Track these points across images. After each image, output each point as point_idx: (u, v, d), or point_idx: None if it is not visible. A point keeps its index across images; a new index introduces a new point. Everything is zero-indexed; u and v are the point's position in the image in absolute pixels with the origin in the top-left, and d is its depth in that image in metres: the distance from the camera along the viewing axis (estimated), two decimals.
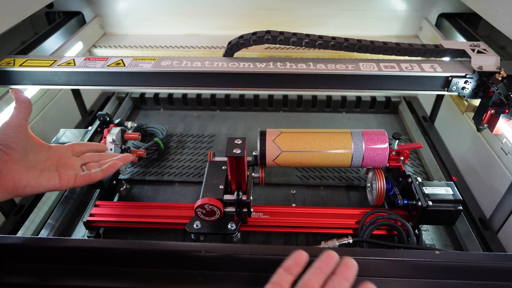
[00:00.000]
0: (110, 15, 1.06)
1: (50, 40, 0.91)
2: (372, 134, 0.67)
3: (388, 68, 0.64)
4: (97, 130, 0.76)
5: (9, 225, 0.67)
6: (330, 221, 0.66)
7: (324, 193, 0.78)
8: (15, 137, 0.49)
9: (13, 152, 0.48)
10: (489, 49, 0.65)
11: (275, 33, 0.65)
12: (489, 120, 0.61)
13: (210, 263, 0.49)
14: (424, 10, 1.02)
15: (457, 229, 0.69)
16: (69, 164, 0.55)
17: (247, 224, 0.66)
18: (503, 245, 0.64)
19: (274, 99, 1.04)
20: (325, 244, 0.62)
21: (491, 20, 0.69)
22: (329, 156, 0.67)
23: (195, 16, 1.05)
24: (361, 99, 1.03)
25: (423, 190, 0.62)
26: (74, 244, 0.49)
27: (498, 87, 0.58)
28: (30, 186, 0.48)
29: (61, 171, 0.52)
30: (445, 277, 0.48)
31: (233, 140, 0.58)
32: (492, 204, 0.68)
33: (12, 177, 0.46)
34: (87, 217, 0.66)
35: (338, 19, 1.03)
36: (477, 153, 0.75)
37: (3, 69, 0.65)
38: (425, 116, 1.00)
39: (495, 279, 0.48)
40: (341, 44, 0.65)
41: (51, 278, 0.49)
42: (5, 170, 0.46)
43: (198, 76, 0.65)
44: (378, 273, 0.49)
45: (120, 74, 0.65)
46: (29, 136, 0.52)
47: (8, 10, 0.66)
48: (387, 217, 0.64)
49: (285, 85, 0.66)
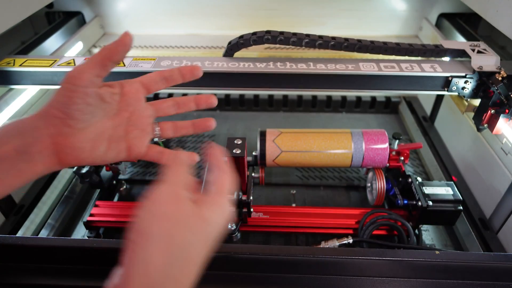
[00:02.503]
0: (110, 15, 1.06)
1: (50, 40, 0.90)
2: (372, 134, 0.67)
3: (388, 68, 0.64)
4: None
5: (9, 225, 0.67)
6: (330, 221, 0.66)
7: (324, 193, 0.78)
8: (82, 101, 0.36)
9: (76, 123, 0.37)
10: (489, 49, 0.65)
11: (275, 33, 0.65)
12: (489, 120, 0.61)
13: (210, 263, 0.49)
14: (424, 10, 1.02)
15: (457, 229, 0.69)
16: (140, 122, 0.42)
17: (247, 224, 0.66)
18: (503, 245, 0.64)
19: (274, 99, 1.04)
20: (325, 244, 0.62)
21: (491, 20, 0.69)
22: (329, 156, 0.67)
23: (195, 16, 1.05)
24: (361, 99, 1.03)
25: (423, 190, 0.62)
26: (74, 244, 0.49)
27: (498, 87, 0.58)
28: (96, 163, 0.40)
29: (131, 138, 0.41)
30: (445, 277, 0.48)
31: (233, 140, 0.59)
32: (492, 204, 0.68)
33: (76, 157, 0.38)
34: (87, 217, 0.66)
35: (338, 19, 1.03)
36: (477, 153, 0.75)
37: (3, 69, 0.65)
38: (425, 116, 1.00)
39: (495, 279, 0.48)
40: (341, 44, 0.65)
41: (51, 278, 0.49)
42: (67, 149, 0.37)
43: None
44: (378, 273, 0.49)
45: (120, 74, 0.65)
46: (101, 94, 0.38)
47: (8, 10, 0.66)
48: (387, 217, 0.64)
49: (285, 85, 0.66)
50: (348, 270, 0.49)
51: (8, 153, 0.35)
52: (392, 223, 0.64)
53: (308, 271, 0.49)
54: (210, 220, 0.32)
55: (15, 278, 0.49)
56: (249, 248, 0.48)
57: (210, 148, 0.37)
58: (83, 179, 0.67)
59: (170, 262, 0.27)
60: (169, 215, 0.29)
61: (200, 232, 0.31)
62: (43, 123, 0.37)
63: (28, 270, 0.50)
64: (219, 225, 0.33)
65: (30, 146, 0.36)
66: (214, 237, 0.32)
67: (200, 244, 0.31)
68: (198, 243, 0.30)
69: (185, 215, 0.30)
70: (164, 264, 0.27)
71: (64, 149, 0.37)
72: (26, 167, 0.36)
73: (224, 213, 0.34)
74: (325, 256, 0.48)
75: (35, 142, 0.36)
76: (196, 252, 0.30)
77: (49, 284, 0.49)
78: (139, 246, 0.28)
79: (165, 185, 0.31)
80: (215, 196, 0.34)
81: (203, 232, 0.31)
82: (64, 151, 0.37)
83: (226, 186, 0.35)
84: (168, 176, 0.33)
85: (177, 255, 0.28)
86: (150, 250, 0.27)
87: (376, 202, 0.69)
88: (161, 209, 0.29)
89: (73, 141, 0.37)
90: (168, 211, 0.29)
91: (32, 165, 0.37)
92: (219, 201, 0.34)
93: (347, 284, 0.48)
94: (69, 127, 0.37)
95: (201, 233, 0.31)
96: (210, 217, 0.32)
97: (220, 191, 0.35)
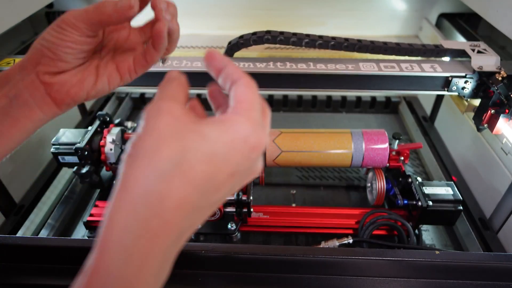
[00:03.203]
0: None
1: None
2: (372, 134, 0.67)
3: (388, 68, 0.64)
4: (97, 130, 0.76)
5: (9, 225, 0.67)
6: (330, 221, 0.66)
7: (324, 193, 0.78)
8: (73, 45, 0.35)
9: (64, 65, 0.36)
10: (489, 49, 0.65)
11: (275, 33, 0.65)
12: (489, 120, 0.61)
13: (210, 263, 0.49)
14: (424, 10, 1.02)
15: (457, 229, 0.69)
16: (128, 44, 0.41)
17: (247, 224, 0.66)
18: (503, 245, 0.64)
19: (274, 99, 1.04)
20: (325, 244, 0.62)
21: (491, 20, 0.69)
22: (329, 156, 0.67)
23: (195, 16, 1.04)
24: (361, 99, 1.03)
25: (423, 190, 0.62)
26: (74, 244, 0.49)
27: (498, 87, 0.58)
28: (90, 96, 0.39)
29: (120, 62, 0.40)
30: (445, 277, 0.48)
31: None
32: (492, 204, 0.68)
33: (68, 93, 0.37)
34: (87, 217, 0.66)
35: (338, 19, 1.03)
36: (477, 153, 0.75)
37: (3, 69, 0.65)
38: (425, 116, 1.00)
39: (495, 279, 0.48)
40: (341, 44, 0.65)
41: (51, 278, 0.49)
42: (56, 85, 0.36)
43: (198, 76, 0.65)
44: (378, 273, 0.49)
45: None
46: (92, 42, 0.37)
47: (8, 10, 0.66)
48: (387, 217, 0.64)
49: (285, 85, 0.66)
50: (348, 270, 0.49)
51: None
52: (392, 223, 0.64)
53: (308, 271, 0.49)
54: (208, 136, 0.26)
55: (15, 278, 0.49)
56: (249, 248, 0.48)
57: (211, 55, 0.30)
58: (83, 179, 0.67)
59: (154, 176, 0.24)
60: (158, 129, 0.25)
61: (194, 148, 0.25)
62: (30, 62, 0.36)
63: (28, 270, 0.50)
64: (229, 145, 0.26)
65: (20, 89, 0.35)
66: (224, 157, 0.26)
67: (196, 159, 0.25)
68: (193, 158, 0.25)
69: (177, 129, 0.26)
70: (147, 179, 0.24)
71: (53, 85, 0.36)
72: (21, 113, 0.35)
73: (238, 131, 0.26)
74: (325, 256, 0.48)
75: (25, 84, 0.35)
76: (187, 167, 0.25)
77: (49, 284, 0.49)
78: (126, 164, 0.25)
79: (156, 101, 0.27)
80: (229, 114, 0.27)
81: (201, 149, 0.25)
82: (53, 88, 0.36)
83: (248, 101, 0.28)
84: (160, 93, 0.28)
85: (164, 168, 0.24)
86: (134, 166, 0.25)
87: (376, 202, 0.69)
88: (150, 124, 0.26)
89: (60, 76, 0.36)
90: (157, 126, 0.25)
91: (28, 110, 0.36)
92: (231, 118, 0.27)
93: (347, 284, 0.48)
94: (56, 67, 0.36)
95: (197, 149, 0.25)
96: (209, 133, 0.26)
97: (238, 107, 0.27)
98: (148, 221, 0.23)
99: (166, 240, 0.24)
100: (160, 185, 0.24)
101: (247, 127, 0.26)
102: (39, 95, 0.36)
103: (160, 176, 0.24)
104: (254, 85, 0.29)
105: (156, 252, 0.24)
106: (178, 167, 0.25)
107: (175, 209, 0.24)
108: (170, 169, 0.24)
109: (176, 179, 0.24)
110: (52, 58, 0.35)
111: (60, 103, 0.37)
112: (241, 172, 0.27)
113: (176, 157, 0.25)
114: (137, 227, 0.23)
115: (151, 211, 0.24)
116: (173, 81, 0.29)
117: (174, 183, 0.24)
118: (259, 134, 0.27)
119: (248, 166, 0.28)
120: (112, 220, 0.24)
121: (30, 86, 0.36)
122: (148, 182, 0.24)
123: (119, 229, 0.23)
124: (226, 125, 0.26)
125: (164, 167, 0.24)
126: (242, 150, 0.26)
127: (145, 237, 0.23)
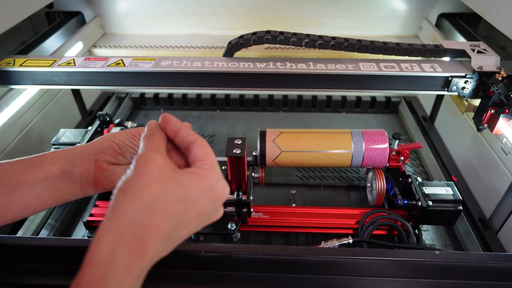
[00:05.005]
0: (110, 15, 1.06)
1: (50, 40, 0.91)
2: (372, 134, 0.67)
3: (388, 68, 0.64)
4: (97, 130, 0.76)
5: (9, 225, 0.67)
6: (330, 221, 0.66)
7: (324, 193, 0.78)
8: (134, 149, 0.45)
9: (122, 160, 0.44)
10: (489, 49, 0.65)
11: (275, 33, 0.65)
12: (489, 120, 0.61)
13: (210, 263, 0.49)
14: (424, 10, 1.02)
15: (457, 229, 0.69)
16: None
17: (247, 224, 0.66)
18: (503, 245, 0.64)
19: (274, 99, 1.04)
20: (325, 244, 0.62)
21: (491, 20, 0.69)
22: (329, 156, 0.67)
23: (195, 16, 1.05)
24: (361, 99, 1.03)
25: (423, 190, 0.61)
26: (74, 244, 0.49)
27: (498, 87, 0.58)
28: None
29: None
30: (445, 277, 0.48)
31: (233, 140, 0.58)
32: (492, 204, 0.68)
33: (112, 182, 0.43)
34: (87, 217, 0.66)
35: (338, 19, 1.03)
36: (477, 153, 0.75)
37: (3, 69, 0.65)
38: (425, 116, 1.00)
39: (495, 279, 0.48)
40: (341, 44, 0.65)
41: (51, 278, 0.49)
42: (107, 173, 0.43)
43: (198, 76, 0.65)
44: (378, 273, 0.49)
45: (120, 74, 0.65)
46: None
47: (8, 10, 0.66)
48: (387, 217, 0.64)
49: (285, 85, 0.66)
50: (348, 270, 0.49)
51: (53, 172, 0.40)
52: (392, 223, 0.64)
53: (308, 271, 0.49)
54: (184, 183, 0.33)
55: (15, 278, 0.49)
56: (249, 248, 0.48)
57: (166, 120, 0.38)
58: None
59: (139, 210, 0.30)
60: (146, 174, 0.32)
61: (172, 191, 0.32)
62: (93, 149, 0.42)
63: (28, 270, 0.50)
64: (198, 191, 0.34)
65: (75, 166, 0.41)
66: (194, 201, 0.34)
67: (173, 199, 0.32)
68: (170, 199, 0.32)
69: (160, 175, 0.33)
70: (133, 211, 0.30)
71: (106, 171, 0.42)
72: (65, 186, 0.41)
73: (206, 182, 0.34)
74: (325, 256, 0.48)
75: (80, 164, 0.41)
76: (165, 205, 0.32)
77: (49, 284, 0.49)
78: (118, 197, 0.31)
79: (144, 152, 0.35)
80: (199, 169, 0.35)
81: (177, 192, 0.33)
82: (105, 173, 0.42)
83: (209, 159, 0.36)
84: (146, 144, 0.36)
85: (147, 204, 0.31)
86: (124, 200, 0.31)
87: (376, 202, 0.69)
88: (140, 169, 0.33)
89: (114, 167, 0.43)
90: (145, 171, 0.32)
91: (71, 184, 0.41)
92: (202, 172, 0.35)
93: (347, 284, 0.48)
94: (117, 159, 0.43)
95: (174, 192, 0.33)
96: (185, 181, 0.33)
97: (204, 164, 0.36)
98: (131, 243, 0.30)
99: (143, 260, 0.30)
100: (143, 217, 0.30)
101: (214, 180, 0.35)
102: (87, 176, 0.42)
103: (143, 210, 0.31)
104: (208, 145, 0.37)
105: (135, 268, 0.30)
106: (158, 204, 0.31)
107: (152, 236, 0.31)
108: (152, 205, 0.31)
109: (156, 213, 0.31)
110: (116, 151, 0.43)
111: (100, 186, 0.43)
112: (206, 214, 0.35)
113: (158, 197, 0.31)
114: (122, 247, 0.29)
115: (134, 236, 0.30)
116: (155, 134, 0.37)
117: (154, 217, 0.31)
118: (223, 185, 0.36)
119: (213, 209, 0.36)
120: (100, 240, 0.29)
121: (84, 166, 0.42)
122: (133, 213, 0.30)
123: (107, 247, 0.29)
124: (199, 176, 0.34)
125: (147, 203, 0.31)
126: (209, 197, 0.35)
127: (127, 256, 0.29)
